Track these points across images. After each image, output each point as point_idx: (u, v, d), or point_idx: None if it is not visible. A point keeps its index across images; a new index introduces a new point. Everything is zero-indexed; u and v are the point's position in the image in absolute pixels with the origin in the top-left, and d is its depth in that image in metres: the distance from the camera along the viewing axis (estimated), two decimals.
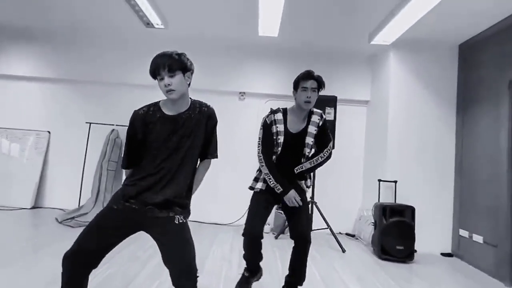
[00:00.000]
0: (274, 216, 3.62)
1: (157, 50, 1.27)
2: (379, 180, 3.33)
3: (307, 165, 1.80)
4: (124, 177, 1.34)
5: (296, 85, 1.78)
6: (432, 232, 3.25)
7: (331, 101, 3.28)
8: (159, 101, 1.29)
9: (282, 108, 1.83)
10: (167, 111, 1.25)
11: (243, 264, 1.90)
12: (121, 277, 2.06)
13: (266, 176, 1.76)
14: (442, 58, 3.42)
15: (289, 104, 1.91)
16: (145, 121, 1.23)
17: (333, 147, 1.90)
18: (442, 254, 3.23)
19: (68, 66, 3.98)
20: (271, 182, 1.74)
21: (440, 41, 3.34)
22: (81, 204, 3.76)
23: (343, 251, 3.03)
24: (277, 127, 1.76)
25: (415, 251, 3.11)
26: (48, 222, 3.28)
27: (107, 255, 1.21)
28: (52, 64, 4.00)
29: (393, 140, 3.41)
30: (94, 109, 4.03)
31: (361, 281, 2.34)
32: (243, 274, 1.88)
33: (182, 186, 1.26)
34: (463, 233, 3.13)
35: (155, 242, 1.25)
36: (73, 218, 3.36)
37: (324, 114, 1.88)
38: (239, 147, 3.76)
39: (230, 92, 4.01)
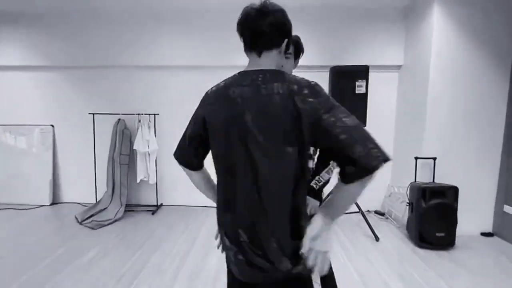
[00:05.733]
0: None
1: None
2: (416, 158, 2.99)
3: None
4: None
5: None
6: (474, 212, 2.99)
7: (362, 72, 2.81)
8: None
9: None
10: None
11: None
12: None
13: None
14: (499, 11, 2.77)
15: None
16: None
17: None
18: (482, 234, 3.02)
19: (59, 51, 3.56)
20: None
21: None
22: (98, 198, 3.67)
23: (377, 239, 2.84)
24: None
25: None
26: (69, 223, 3.21)
27: None
28: (43, 51, 3.59)
29: (433, 110, 2.95)
30: (95, 97, 3.70)
31: (402, 278, 2.17)
32: None
33: None
34: (508, 209, 2.86)
35: None
36: (92, 216, 3.28)
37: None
38: None
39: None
